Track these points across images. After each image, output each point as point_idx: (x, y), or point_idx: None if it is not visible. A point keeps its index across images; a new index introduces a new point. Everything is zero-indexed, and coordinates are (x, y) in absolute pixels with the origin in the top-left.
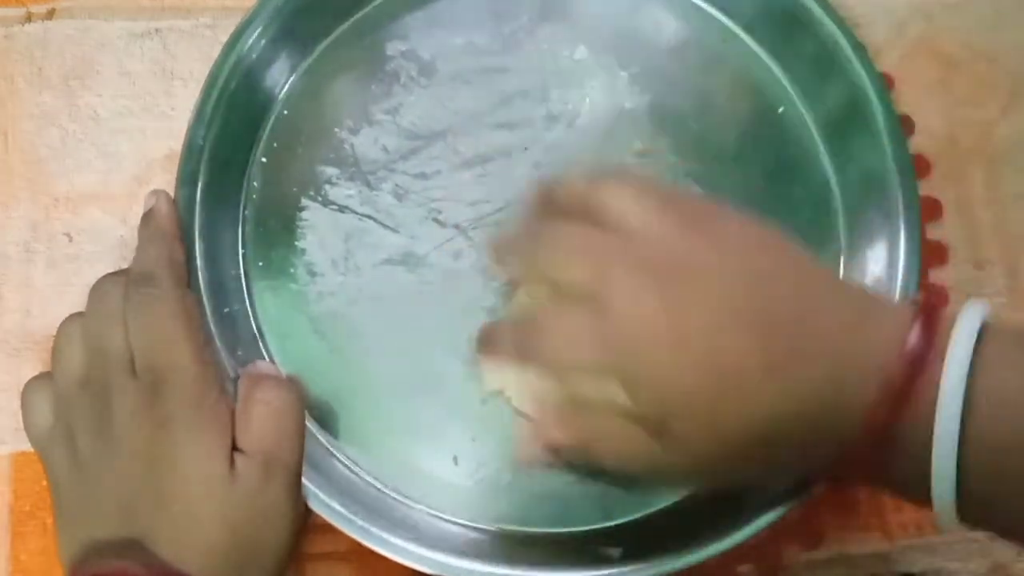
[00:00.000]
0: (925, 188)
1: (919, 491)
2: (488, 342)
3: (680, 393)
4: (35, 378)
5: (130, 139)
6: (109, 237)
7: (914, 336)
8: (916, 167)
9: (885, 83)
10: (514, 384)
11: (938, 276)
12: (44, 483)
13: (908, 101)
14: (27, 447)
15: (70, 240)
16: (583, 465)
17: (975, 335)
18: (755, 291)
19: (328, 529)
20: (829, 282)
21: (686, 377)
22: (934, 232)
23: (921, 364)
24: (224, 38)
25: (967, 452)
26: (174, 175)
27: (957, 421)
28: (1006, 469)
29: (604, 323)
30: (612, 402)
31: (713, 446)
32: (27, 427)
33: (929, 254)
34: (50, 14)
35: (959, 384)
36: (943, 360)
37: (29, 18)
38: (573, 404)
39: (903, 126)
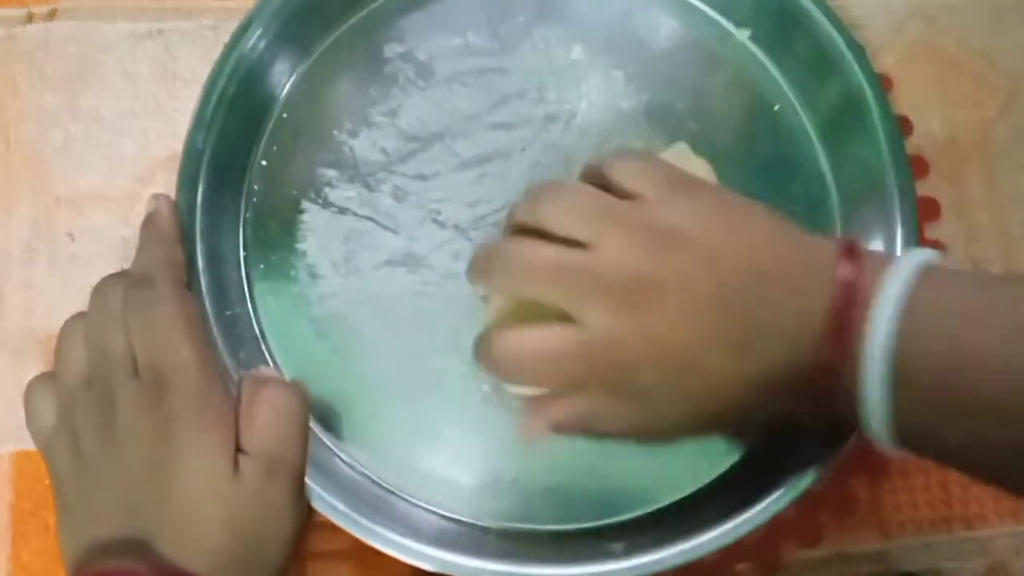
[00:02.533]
0: (923, 188)
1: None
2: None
3: (661, 395)
4: (38, 378)
5: (132, 140)
6: (111, 237)
7: (844, 271)
8: (914, 167)
9: (883, 83)
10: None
11: None
12: (46, 482)
13: (907, 102)
14: (29, 446)
15: (72, 240)
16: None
17: (911, 272)
18: (713, 287)
19: (329, 528)
20: (779, 249)
21: (665, 381)
22: (932, 232)
23: (854, 299)
24: (226, 39)
25: (900, 382)
26: (176, 176)
27: (890, 346)
28: (937, 400)
29: (583, 347)
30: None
31: (687, 417)
32: (31, 427)
33: None
34: (52, 15)
35: (893, 315)
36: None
37: (31, 19)
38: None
39: (902, 127)
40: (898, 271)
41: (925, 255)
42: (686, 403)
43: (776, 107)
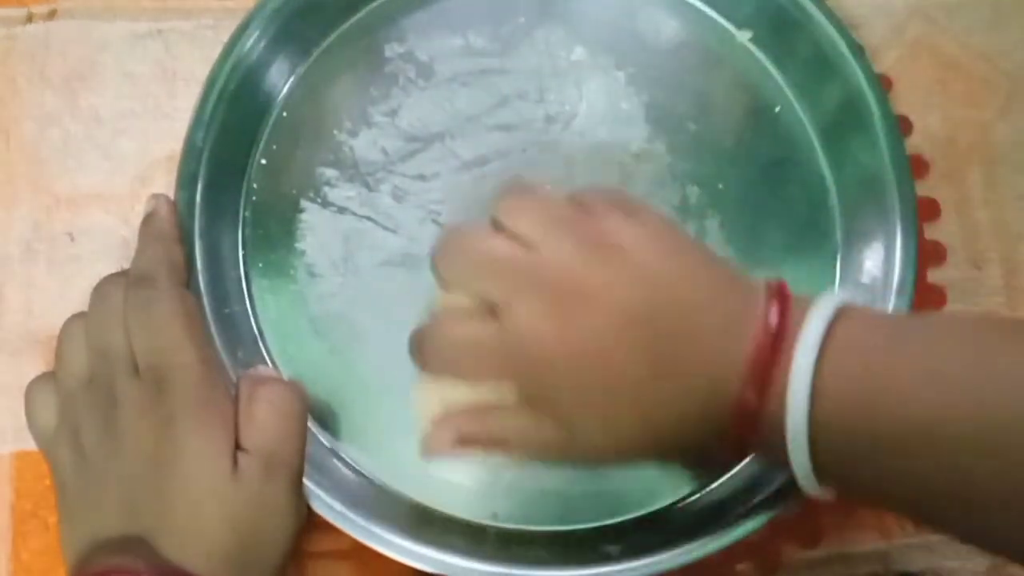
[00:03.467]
0: (923, 188)
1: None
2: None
3: (575, 404)
4: (38, 378)
5: (132, 140)
6: (111, 237)
7: (772, 318)
8: (914, 167)
9: (882, 83)
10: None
11: (936, 276)
12: (46, 482)
13: (906, 102)
14: (29, 446)
15: (72, 240)
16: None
17: (827, 319)
18: (643, 307)
19: (330, 527)
20: (712, 282)
21: (580, 390)
22: (932, 232)
23: (778, 346)
24: (226, 39)
25: (817, 430)
26: (175, 176)
27: (806, 402)
28: (853, 446)
29: (503, 339)
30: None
31: (610, 444)
32: (31, 427)
33: (927, 254)
34: (51, 15)
35: (808, 367)
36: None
37: (31, 19)
38: (480, 407)
39: (901, 127)
40: (818, 312)
41: (841, 297)
42: (606, 425)
43: (776, 108)
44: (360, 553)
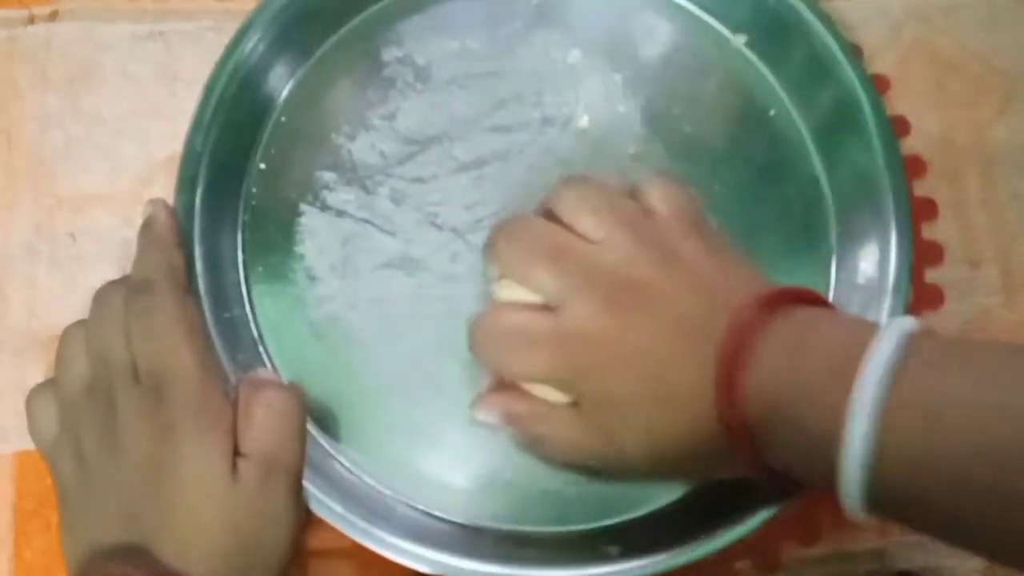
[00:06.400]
0: (921, 188)
1: (823, 483)
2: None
3: (623, 406)
4: (39, 386)
5: (133, 141)
6: (112, 238)
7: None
8: (911, 168)
9: (880, 84)
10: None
11: (934, 276)
12: (48, 481)
13: (904, 102)
14: (31, 445)
15: (73, 241)
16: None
17: (899, 343)
18: (700, 316)
19: (331, 526)
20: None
21: (630, 393)
22: (930, 232)
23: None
24: (227, 40)
25: (879, 462)
26: (175, 180)
27: (871, 427)
28: (916, 477)
29: (558, 332)
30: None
31: (648, 451)
32: (33, 435)
33: (925, 254)
34: (53, 16)
35: (878, 391)
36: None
37: (32, 20)
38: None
39: (898, 127)
40: (887, 337)
41: (910, 324)
42: (649, 431)
43: (771, 112)
44: (362, 551)
